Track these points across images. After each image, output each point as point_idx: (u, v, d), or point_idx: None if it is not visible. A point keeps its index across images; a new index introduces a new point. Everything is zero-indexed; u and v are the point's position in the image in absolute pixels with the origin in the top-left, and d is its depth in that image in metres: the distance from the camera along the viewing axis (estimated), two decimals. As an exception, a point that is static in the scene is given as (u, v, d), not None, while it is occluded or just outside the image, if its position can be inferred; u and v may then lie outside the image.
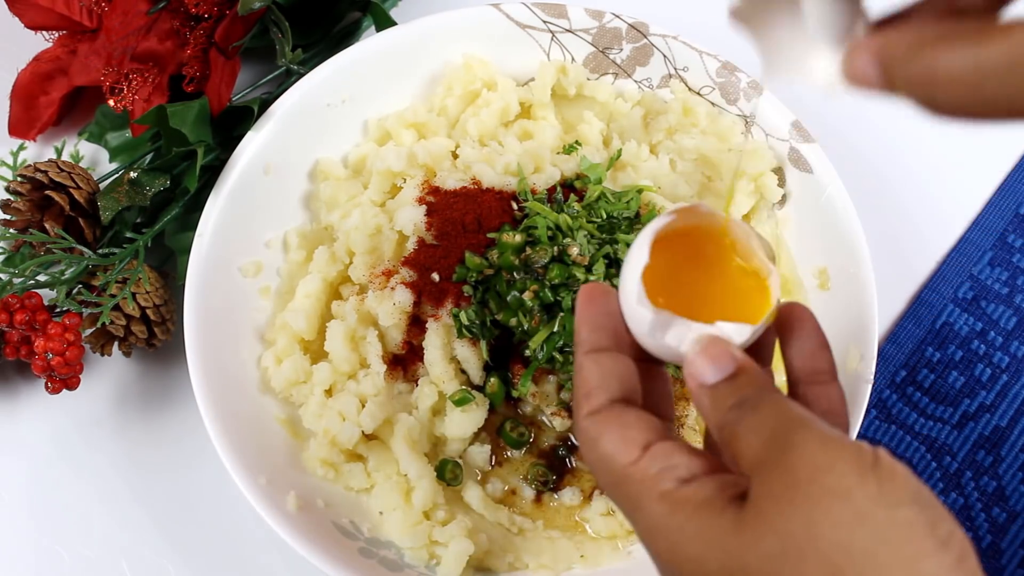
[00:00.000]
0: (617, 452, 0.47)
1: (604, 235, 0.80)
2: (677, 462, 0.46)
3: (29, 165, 0.82)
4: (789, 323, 0.52)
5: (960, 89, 0.38)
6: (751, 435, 0.45)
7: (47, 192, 0.79)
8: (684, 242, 0.53)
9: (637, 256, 0.50)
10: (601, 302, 0.52)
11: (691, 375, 0.49)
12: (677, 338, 0.49)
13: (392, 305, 0.78)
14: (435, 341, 0.77)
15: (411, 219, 0.80)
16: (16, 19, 0.89)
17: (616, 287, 0.53)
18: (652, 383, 0.54)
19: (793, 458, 0.42)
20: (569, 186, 0.84)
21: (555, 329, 0.76)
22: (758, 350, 0.53)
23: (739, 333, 0.49)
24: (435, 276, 0.78)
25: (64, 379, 0.79)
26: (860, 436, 0.85)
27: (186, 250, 0.80)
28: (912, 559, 0.39)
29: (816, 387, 0.51)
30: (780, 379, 0.55)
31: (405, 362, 0.80)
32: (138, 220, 0.85)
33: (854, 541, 0.40)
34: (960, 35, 0.38)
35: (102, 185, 0.84)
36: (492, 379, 0.78)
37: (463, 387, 0.78)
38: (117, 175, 0.85)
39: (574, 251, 0.77)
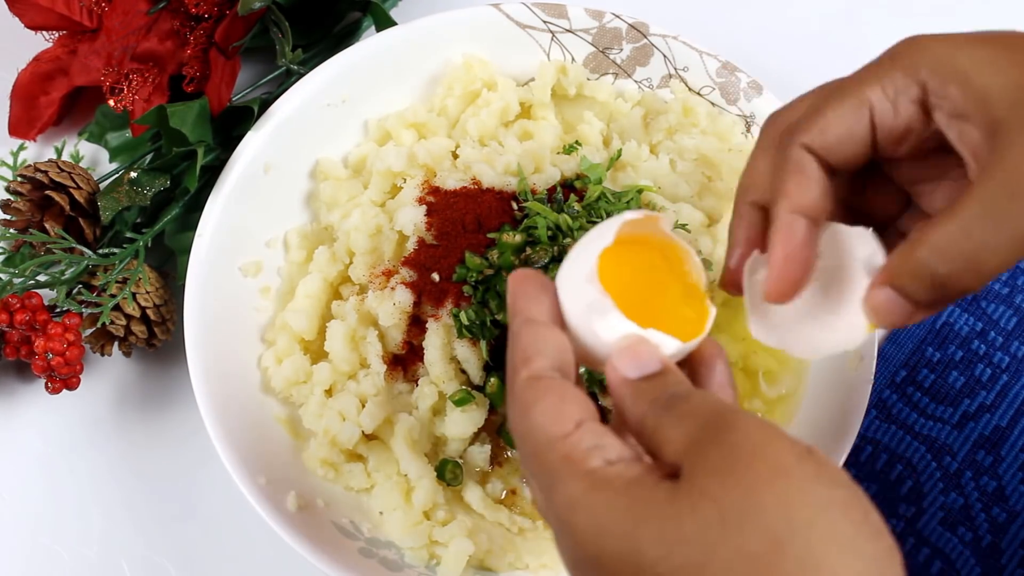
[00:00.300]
0: (549, 422, 0.47)
1: (604, 235, 0.80)
2: (607, 443, 0.46)
3: (29, 165, 0.82)
4: (702, 356, 0.53)
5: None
6: (683, 422, 0.45)
7: (47, 192, 0.80)
8: (642, 247, 0.53)
9: (599, 238, 0.51)
10: (537, 282, 0.52)
11: (614, 368, 0.49)
12: (609, 329, 0.50)
13: (392, 305, 0.78)
14: (435, 341, 0.77)
15: (411, 219, 0.80)
16: (16, 19, 0.89)
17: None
18: None
19: (734, 436, 0.43)
20: (569, 186, 0.84)
21: (555, 329, 0.75)
22: None
23: (667, 345, 0.50)
24: (435, 276, 0.78)
25: (64, 379, 0.79)
26: (860, 436, 0.85)
27: (186, 250, 0.80)
28: (850, 539, 0.40)
29: None
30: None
31: (405, 362, 0.80)
32: (138, 220, 0.85)
33: (794, 512, 0.40)
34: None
35: (102, 185, 0.84)
36: (492, 379, 0.78)
37: (463, 387, 0.77)
38: (117, 175, 0.85)
39: (574, 251, 0.76)
